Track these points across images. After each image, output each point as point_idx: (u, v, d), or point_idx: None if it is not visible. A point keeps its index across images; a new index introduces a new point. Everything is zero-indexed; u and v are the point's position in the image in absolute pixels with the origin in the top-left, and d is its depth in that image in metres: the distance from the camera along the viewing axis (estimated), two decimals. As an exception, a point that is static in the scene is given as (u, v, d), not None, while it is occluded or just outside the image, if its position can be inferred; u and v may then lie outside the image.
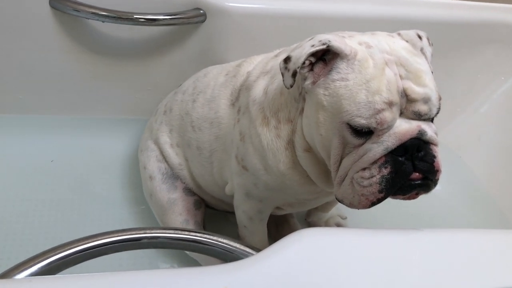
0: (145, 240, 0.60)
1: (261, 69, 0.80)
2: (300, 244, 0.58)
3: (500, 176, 1.27)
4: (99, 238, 0.57)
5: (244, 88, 0.80)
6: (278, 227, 1.04)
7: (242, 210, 0.85)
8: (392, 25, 1.18)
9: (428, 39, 0.68)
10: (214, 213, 1.05)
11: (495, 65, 1.34)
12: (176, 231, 0.62)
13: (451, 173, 1.28)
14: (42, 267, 0.55)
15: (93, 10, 1.04)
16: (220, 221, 1.06)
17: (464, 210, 1.23)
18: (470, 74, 1.35)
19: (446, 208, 1.21)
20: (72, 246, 0.56)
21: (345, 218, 1.10)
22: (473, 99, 1.38)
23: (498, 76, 1.35)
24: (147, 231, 0.61)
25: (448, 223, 1.17)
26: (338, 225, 1.08)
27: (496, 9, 1.31)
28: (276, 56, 0.81)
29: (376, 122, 0.59)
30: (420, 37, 0.66)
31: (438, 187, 0.64)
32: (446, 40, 1.26)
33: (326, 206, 1.03)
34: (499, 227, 1.17)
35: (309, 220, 1.09)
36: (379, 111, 0.59)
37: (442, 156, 0.65)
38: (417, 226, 1.10)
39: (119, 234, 0.59)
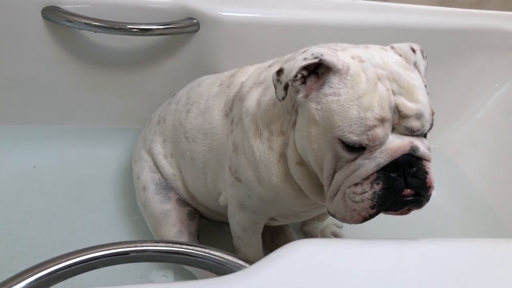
0: (134, 254, 0.59)
1: (254, 79, 0.79)
2: (294, 256, 0.57)
3: (496, 182, 1.27)
4: (88, 253, 0.57)
5: (237, 99, 0.80)
6: (273, 237, 1.04)
7: (236, 221, 0.85)
8: (385, 32, 1.19)
9: (422, 52, 0.68)
10: (208, 223, 1.04)
11: (489, 71, 1.34)
12: (167, 244, 0.61)
13: (447, 180, 1.28)
14: (31, 282, 0.54)
15: (86, 21, 1.04)
16: (214, 232, 1.05)
17: (460, 216, 1.22)
18: (464, 81, 1.35)
19: (442, 215, 1.21)
20: (61, 261, 0.55)
21: (341, 227, 1.10)
22: (468, 105, 1.38)
23: (492, 82, 1.35)
24: (138, 244, 0.60)
25: (444, 230, 1.17)
26: (334, 234, 1.08)
27: (488, 15, 1.31)
28: (269, 66, 0.80)
29: (368, 138, 0.59)
30: (413, 50, 0.66)
31: (434, 194, 0.64)
32: (440, 47, 1.26)
33: (321, 216, 1.02)
34: (495, 233, 1.17)
35: (305, 229, 1.08)
36: (371, 128, 0.58)
37: (438, 162, 0.64)
38: (413, 233, 1.11)
39: (108, 248, 0.58)
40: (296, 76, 0.61)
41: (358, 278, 0.56)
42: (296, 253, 0.57)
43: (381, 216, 0.64)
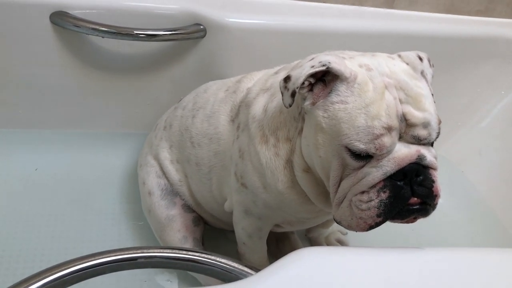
0: (142, 260, 0.59)
1: (261, 86, 0.79)
2: (300, 264, 0.57)
3: (502, 191, 1.26)
4: (96, 258, 0.57)
5: (243, 105, 0.80)
6: (278, 244, 1.03)
7: (241, 227, 0.85)
8: (392, 40, 1.20)
9: (429, 60, 0.68)
10: (213, 229, 1.04)
11: (495, 79, 1.34)
12: (174, 251, 0.61)
13: (453, 187, 1.28)
14: (37, 288, 0.54)
15: (94, 26, 1.04)
16: (219, 238, 1.05)
17: (466, 224, 1.22)
18: (470, 89, 1.35)
19: (447, 223, 1.20)
20: (67, 267, 0.55)
21: (345, 234, 1.09)
22: (474, 113, 1.38)
23: (498, 91, 1.35)
24: (144, 251, 0.60)
25: (450, 238, 1.16)
26: (339, 241, 1.08)
27: (495, 23, 1.31)
28: (276, 73, 0.80)
29: (375, 147, 0.59)
30: (421, 59, 0.66)
31: (440, 201, 0.64)
32: (446, 54, 1.26)
33: (326, 223, 1.02)
34: (500, 242, 1.17)
35: (310, 236, 1.08)
36: (378, 136, 0.58)
37: (443, 170, 0.64)
38: (418, 241, 1.10)
39: (116, 254, 0.58)
40: (303, 83, 0.62)
41: (364, 286, 0.55)
42: (302, 261, 0.57)
43: (386, 223, 0.64)
